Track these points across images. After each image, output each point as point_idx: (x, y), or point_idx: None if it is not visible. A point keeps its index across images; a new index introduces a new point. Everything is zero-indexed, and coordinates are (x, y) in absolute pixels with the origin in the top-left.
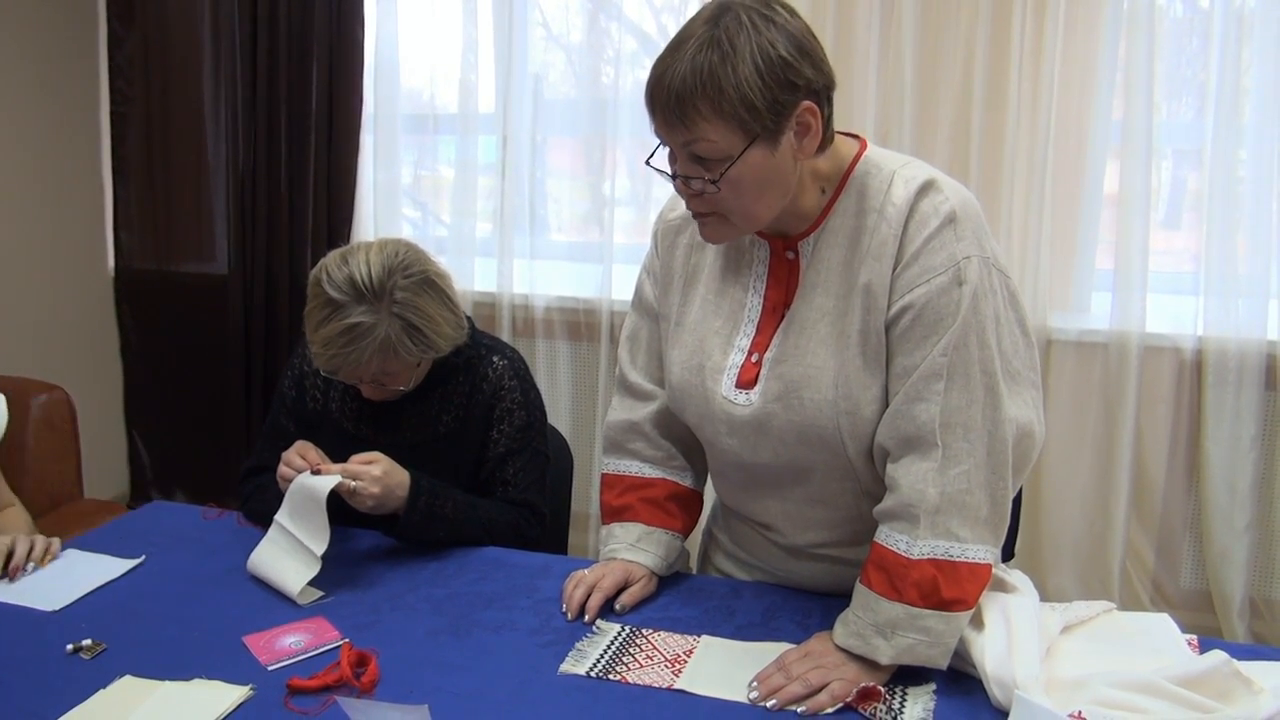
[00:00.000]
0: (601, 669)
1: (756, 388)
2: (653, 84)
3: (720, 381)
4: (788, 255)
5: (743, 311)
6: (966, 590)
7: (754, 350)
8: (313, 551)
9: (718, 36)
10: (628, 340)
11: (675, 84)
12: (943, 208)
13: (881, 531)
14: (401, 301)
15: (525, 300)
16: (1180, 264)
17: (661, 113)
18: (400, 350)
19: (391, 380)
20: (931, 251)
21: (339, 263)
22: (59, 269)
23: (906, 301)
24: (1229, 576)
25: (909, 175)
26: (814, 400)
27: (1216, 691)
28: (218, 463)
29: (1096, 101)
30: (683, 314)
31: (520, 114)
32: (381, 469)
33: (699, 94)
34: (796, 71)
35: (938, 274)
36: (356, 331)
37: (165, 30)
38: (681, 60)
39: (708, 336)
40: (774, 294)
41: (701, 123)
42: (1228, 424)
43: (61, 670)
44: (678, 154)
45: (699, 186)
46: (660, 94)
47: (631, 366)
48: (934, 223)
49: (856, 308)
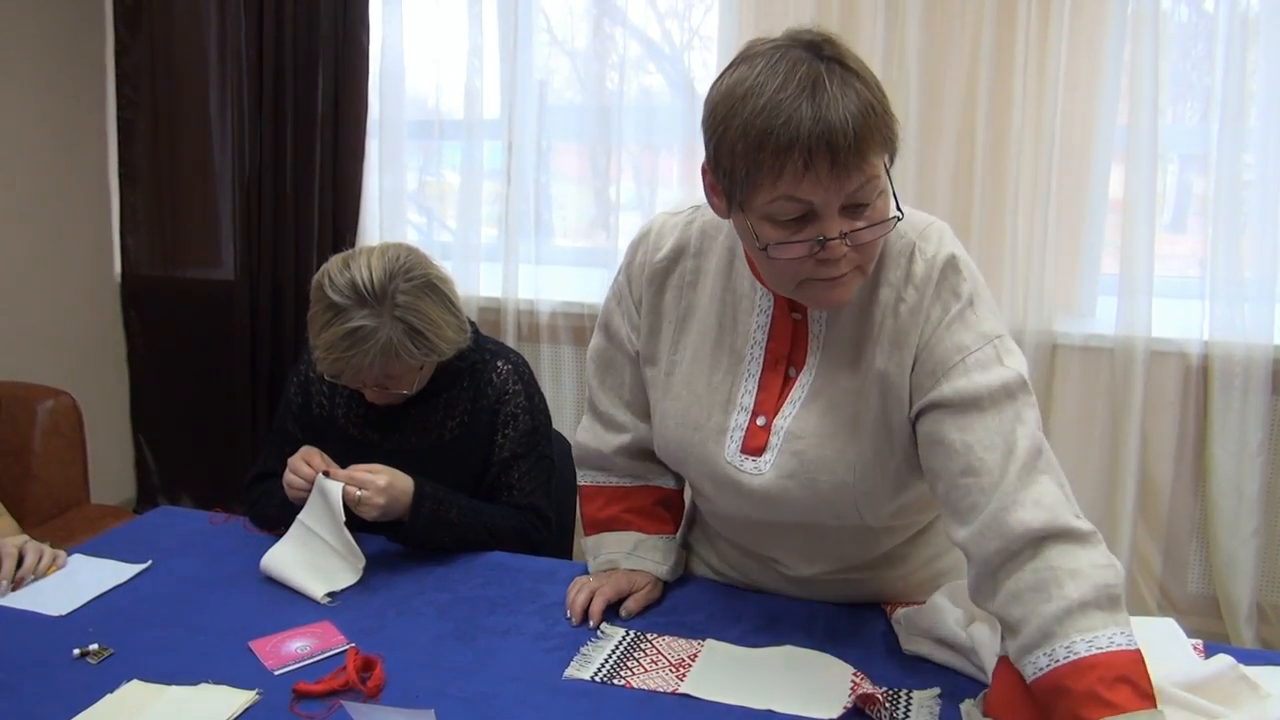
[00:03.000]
0: (606, 673)
1: (766, 457)
2: (811, 135)
3: (724, 445)
4: (793, 315)
5: (742, 365)
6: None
7: (759, 412)
8: (351, 564)
9: (840, 67)
10: (598, 365)
11: (850, 123)
12: (963, 289)
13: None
14: (403, 305)
15: (530, 305)
16: (1186, 268)
17: (830, 163)
18: (402, 354)
19: (394, 384)
20: (956, 332)
21: (341, 267)
22: (66, 275)
23: (941, 392)
24: (1236, 582)
25: (931, 252)
26: (830, 483)
27: (1223, 697)
28: (224, 468)
29: (1101, 106)
30: (674, 363)
31: (525, 119)
32: (386, 479)
33: (874, 125)
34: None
35: (971, 352)
36: (358, 335)
37: (171, 37)
38: (833, 98)
39: (705, 393)
40: (775, 346)
41: (874, 159)
42: (1234, 429)
43: (68, 675)
44: (827, 211)
45: (868, 236)
46: (833, 140)
47: (601, 391)
48: (955, 306)
49: (872, 395)
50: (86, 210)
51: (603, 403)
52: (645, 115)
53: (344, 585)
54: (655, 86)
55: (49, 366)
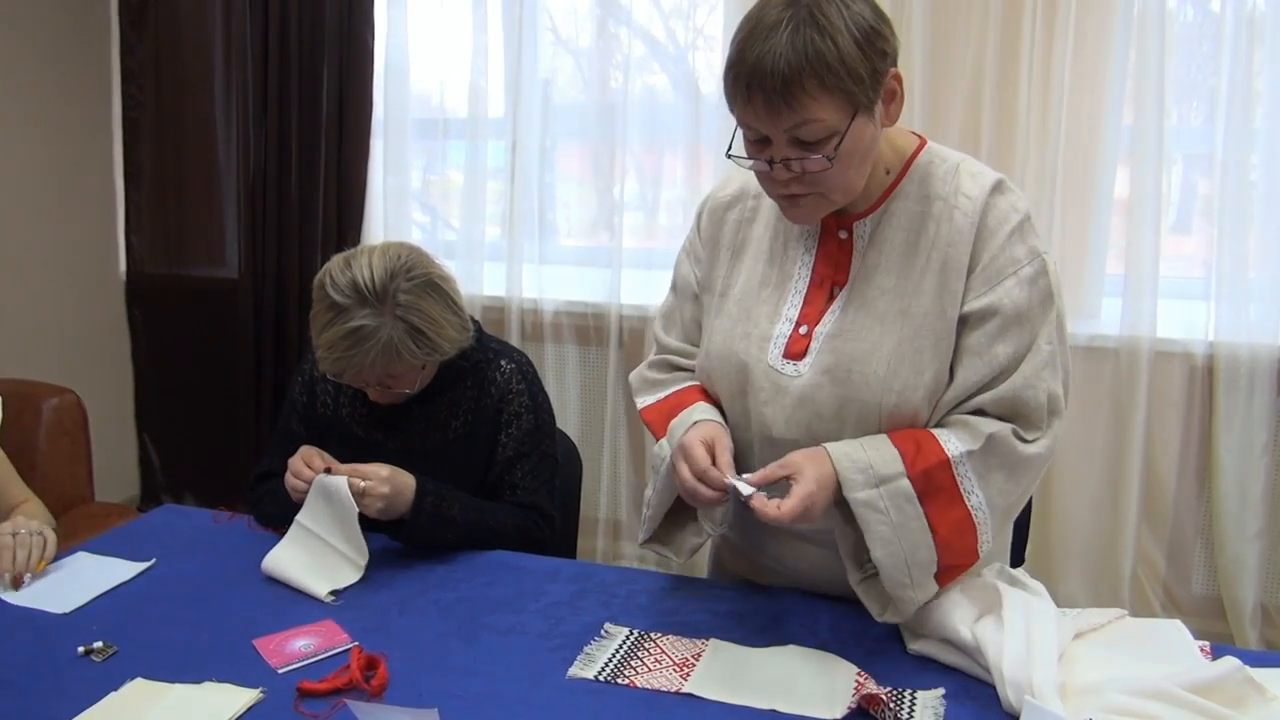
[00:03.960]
0: (610, 673)
1: (806, 360)
2: (749, 70)
3: (767, 349)
4: (840, 234)
5: (790, 283)
6: (953, 539)
7: (803, 321)
8: (353, 560)
9: (809, 14)
10: (663, 318)
11: (779, 66)
12: (1020, 205)
13: (944, 424)
14: (405, 304)
15: (534, 305)
16: (1191, 269)
17: (764, 98)
18: (404, 353)
19: (396, 383)
20: (1014, 245)
21: (342, 267)
22: (71, 273)
23: (997, 296)
24: (1241, 583)
25: (975, 170)
26: (863, 375)
27: (1229, 698)
28: (228, 466)
29: (1107, 106)
30: (728, 285)
31: (529, 119)
32: (388, 470)
33: (807, 73)
34: (885, 39)
35: (1023, 265)
36: (360, 335)
37: (177, 36)
38: (778, 42)
39: (754, 305)
40: (822, 268)
41: (810, 102)
42: (1239, 430)
43: (72, 673)
44: (775, 139)
45: (799, 168)
46: (762, 80)
47: (667, 338)
48: (1014, 219)
49: (927, 290)
50: (91, 209)
51: (670, 343)
52: (649, 115)
53: (346, 584)
54: (659, 86)
55: (53, 364)
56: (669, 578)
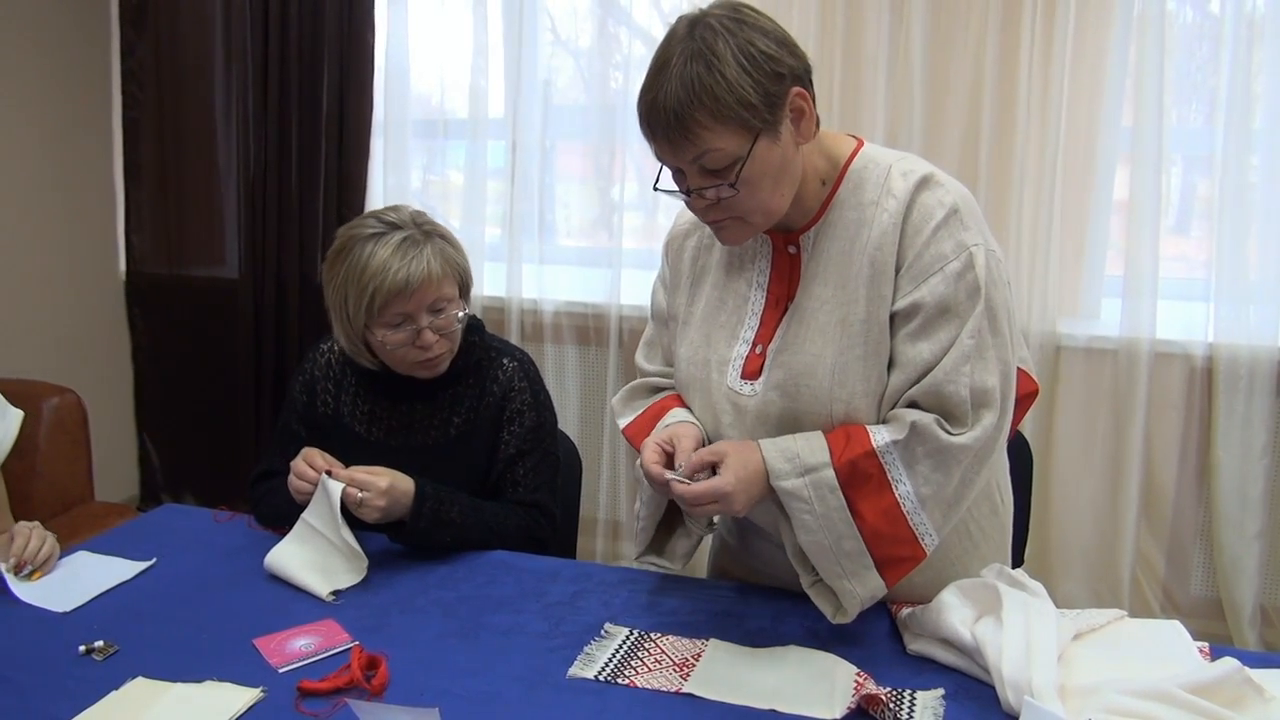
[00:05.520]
0: (610, 672)
1: (760, 378)
2: (647, 109)
3: (725, 373)
4: (789, 250)
5: (746, 305)
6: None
7: (758, 342)
8: (354, 564)
9: (697, 48)
10: (645, 345)
11: (670, 103)
12: (947, 199)
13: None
14: (434, 231)
15: (534, 305)
16: (1191, 270)
17: (664, 135)
18: (456, 260)
19: (449, 309)
20: (939, 241)
21: (361, 218)
22: (71, 272)
23: (922, 294)
24: (1240, 584)
25: (906, 168)
26: (810, 388)
27: (1228, 699)
28: (228, 466)
29: (1106, 107)
30: (690, 313)
31: (529, 119)
32: (387, 481)
33: (696, 106)
34: (779, 62)
35: (949, 261)
36: (410, 242)
37: (177, 36)
38: (668, 79)
39: (713, 330)
40: (776, 288)
41: (705, 133)
42: (1238, 431)
43: (73, 672)
44: (686, 170)
45: (713, 195)
46: (658, 117)
47: (649, 365)
48: (939, 214)
49: (860, 298)
50: (92, 208)
51: (646, 370)
52: None
53: (348, 585)
54: None
55: (54, 364)
56: (669, 578)
